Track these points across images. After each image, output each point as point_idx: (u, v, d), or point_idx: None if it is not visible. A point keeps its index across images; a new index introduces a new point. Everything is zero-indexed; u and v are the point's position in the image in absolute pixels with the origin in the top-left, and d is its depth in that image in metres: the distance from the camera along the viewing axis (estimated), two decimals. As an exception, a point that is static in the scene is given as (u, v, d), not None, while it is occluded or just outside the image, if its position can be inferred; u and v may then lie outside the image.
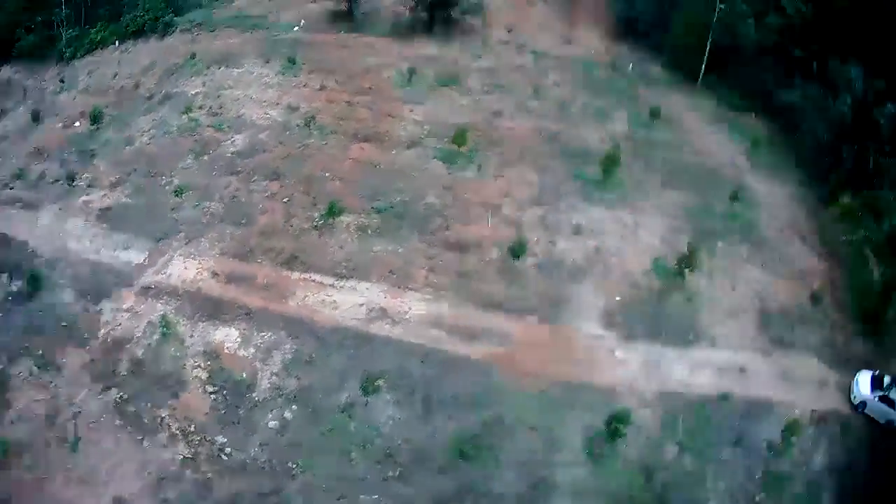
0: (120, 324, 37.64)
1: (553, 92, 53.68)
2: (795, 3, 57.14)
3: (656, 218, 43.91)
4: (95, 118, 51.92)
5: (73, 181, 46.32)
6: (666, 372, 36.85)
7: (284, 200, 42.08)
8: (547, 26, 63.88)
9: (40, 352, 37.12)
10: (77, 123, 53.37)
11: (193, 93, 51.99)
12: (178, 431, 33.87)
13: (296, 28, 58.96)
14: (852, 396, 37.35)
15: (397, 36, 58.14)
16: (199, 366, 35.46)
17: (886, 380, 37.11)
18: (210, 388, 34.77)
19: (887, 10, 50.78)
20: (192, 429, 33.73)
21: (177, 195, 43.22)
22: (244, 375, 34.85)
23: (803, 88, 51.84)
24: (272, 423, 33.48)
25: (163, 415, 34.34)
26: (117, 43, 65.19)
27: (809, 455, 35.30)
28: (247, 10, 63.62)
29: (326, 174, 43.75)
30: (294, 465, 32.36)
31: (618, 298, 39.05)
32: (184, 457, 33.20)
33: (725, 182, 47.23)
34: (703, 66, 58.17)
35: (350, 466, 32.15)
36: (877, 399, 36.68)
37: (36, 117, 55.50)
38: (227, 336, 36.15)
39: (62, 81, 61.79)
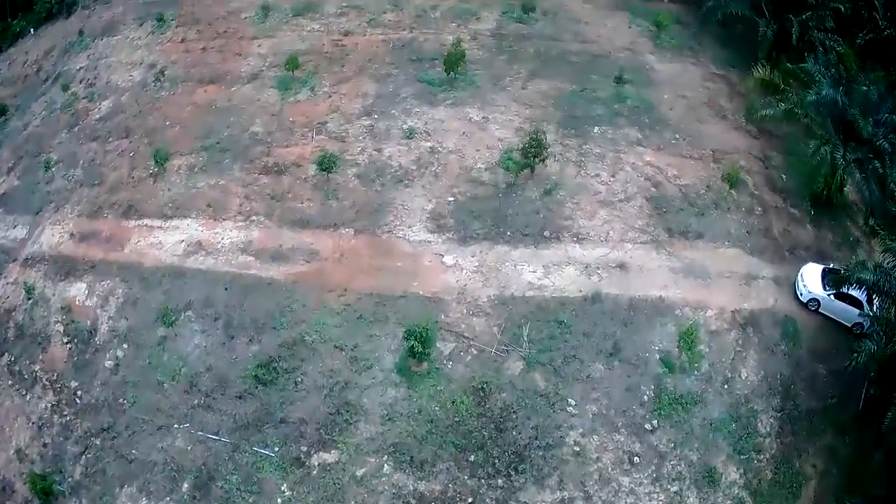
0: (8, 296, 39.18)
1: (415, 1, 50.70)
2: None
3: (514, 111, 40.39)
4: (2, 111, 53.52)
5: (-20, 172, 48.15)
6: (509, 275, 32.89)
7: (131, 155, 42.33)
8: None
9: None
10: (-9, 118, 55.08)
11: (77, 68, 52.76)
12: (47, 382, 35.15)
13: (175, -15, 58.54)
14: (798, 293, 32.47)
15: (266, -28, 56.66)
16: (58, 321, 36.50)
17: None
18: (66, 340, 35.78)
19: None
20: (56, 378, 35.00)
21: (47, 169, 44.31)
22: (88, 323, 35.74)
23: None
24: (109, 364, 34.15)
25: (36, 369, 35.72)
26: (32, 31, 66.04)
27: (732, 368, 30.70)
28: (140, -23, 63.45)
29: (167, 123, 43.61)
30: (124, 401, 32.88)
31: (450, 199, 35.98)
32: (51, 404, 34.58)
33: (615, 66, 43.13)
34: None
35: (165, 397, 32.19)
36: (832, 297, 31.46)
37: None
38: (77, 290, 37.06)
39: (-16, 76, 63.67)
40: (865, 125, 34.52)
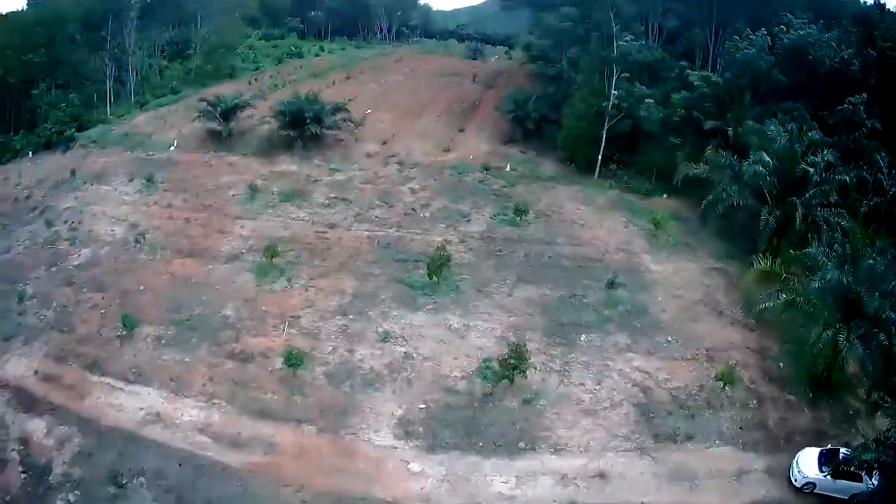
0: (-33, 412, 39.11)
1: (406, 199, 53.24)
2: (706, 77, 53.91)
3: (497, 319, 40.42)
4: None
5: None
6: (478, 485, 31.32)
7: (101, 312, 43.81)
8: (429, 136, 63.78)
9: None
10: (-20, 233, 55.95)
11: (64, 207, 55.10)
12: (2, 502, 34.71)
13: (171, 148, 62.65)
14: (792, 479, 30.98)
15: (262, 154, 60.83)
16: (14, 449, 36.79)
17: (844, 452, 30.13)
18: (21, 469, 35.84)
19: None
20: (9, 500, 34.50)
21: (20, 301, 45.46)
22: (44, 461, 35.96)
23: (713, 158, 47.72)
24: (60, 504, 34.52)
25: (-9, 488, 35.44)
26: (31, 153, 70.09)
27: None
28: (140, 128, 67.40)
29: (141, 287, 45.17)
30: (74, 544, 32.56)
31: (422, 406, 35.20)
32: (4, 525, 33.96)
33: (608, 270, 43.81)
34: (600, 156, 55.24)
35: (113, 551, 31.85)
36: (827, 476, 30.05)
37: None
38: (36, 427, 37.46)
39: (-20, 190, 64.90)
40: (871, 301, 32.71)
